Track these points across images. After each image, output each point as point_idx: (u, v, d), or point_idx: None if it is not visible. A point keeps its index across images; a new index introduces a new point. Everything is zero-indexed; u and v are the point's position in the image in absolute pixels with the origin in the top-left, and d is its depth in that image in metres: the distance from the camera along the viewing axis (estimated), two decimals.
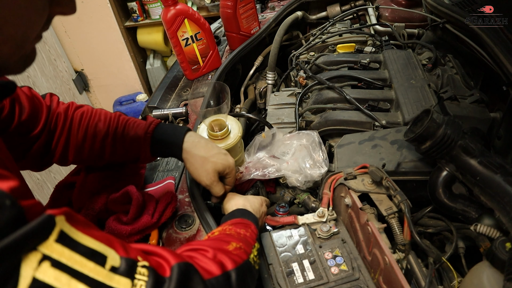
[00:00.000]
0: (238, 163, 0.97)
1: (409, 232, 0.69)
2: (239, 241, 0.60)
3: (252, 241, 0.64)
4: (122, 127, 0.80)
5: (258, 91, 1.47)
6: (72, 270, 0.36)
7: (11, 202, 0.33)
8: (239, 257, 0.55)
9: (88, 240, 0.39)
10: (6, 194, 0.34)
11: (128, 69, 3.10)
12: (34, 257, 0.34)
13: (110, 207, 0.80)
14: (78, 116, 0.79)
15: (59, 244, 0.36)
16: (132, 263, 0.41)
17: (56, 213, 0.37)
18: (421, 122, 0.79)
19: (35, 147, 0.74)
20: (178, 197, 0.90)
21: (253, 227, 0.69)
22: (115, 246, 0.41)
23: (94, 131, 0.78)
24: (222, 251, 0.53)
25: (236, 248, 0.57)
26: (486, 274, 0.60)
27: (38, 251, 0.34)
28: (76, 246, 0.37)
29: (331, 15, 1.72)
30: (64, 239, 0.36)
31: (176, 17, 1.24)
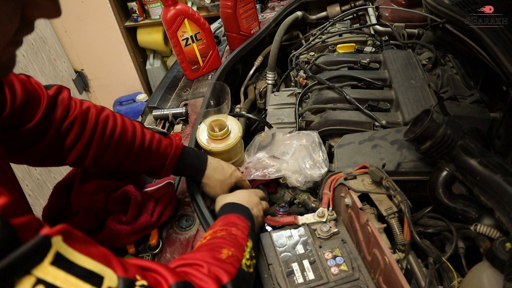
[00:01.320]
0: (238, 163, 0.97)
1: (409, 232, 0.69)
2: (231, 246, 0.60)
3: (243, 241, 0.64)
4: (148, 143, 0.79)
5: (258, 91, 1.47)
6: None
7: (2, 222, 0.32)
8: (232, 267, 0.56)
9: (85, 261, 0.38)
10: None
11: (128, 69, 3.10)
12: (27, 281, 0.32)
13: (109, 207, 0.80)
14: (101, 123, 0.74)
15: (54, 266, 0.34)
16: (129, 283, 0.40)
17: (52, 233, 0.35)
18: (421, 122, 0.79)
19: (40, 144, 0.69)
20: (178, 197, 0.90)
21: (243, 220, 0.71)
22: (113, 264, 0.40)
23: (118, 143, 0.75)
24: (215, 264, 0.54)
25: (229, 256, 0.57)
26: (486, 274, 0.60)
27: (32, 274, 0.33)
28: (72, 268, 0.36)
29: (331, 15, 1.72)
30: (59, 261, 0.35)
31: (176, 17, 1.24)
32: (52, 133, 0.69)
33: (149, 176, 0.87)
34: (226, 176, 0.88)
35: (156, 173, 0.84)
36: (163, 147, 0.81)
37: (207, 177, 0.87)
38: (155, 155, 0.80)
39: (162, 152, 0.81)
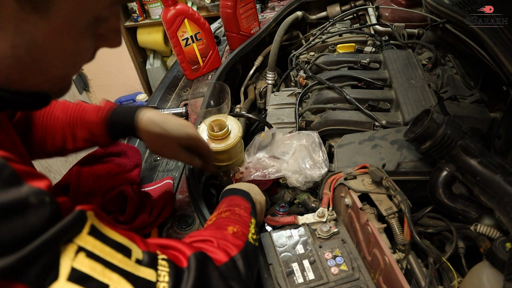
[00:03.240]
0: (238, 163, 0.97)
1: (409, 232, 0.69)
2: (236, 223, 0.62)
3: (247, 218, 0.65)
4: (79, 115, 0.78)
5: (258, 91, 1.47)
6: (104, 261, 0.39)
7: (50, 199, 0.37)
8: (240, 240, 0.58)
9: (114, 235, 0.42)
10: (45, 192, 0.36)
11: (128, 69, 3.10)
12: (71, 248, 0.37)
13: (107, 207, 0.80)
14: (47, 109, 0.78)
15: (91, 236, 0.39)
16: (153, 256, 0.44)
17: (86, 208, 0.40)
18: (421, 122, 0.79)
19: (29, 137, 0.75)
20: (178, 197, 0.90)
21: (245, 201, 0.71)
22: (136, 241, 0.44)
23: (53, 122, 0.77)
24: (223, 239, 0.56)
25: (234, 232, 0.59)
26: (486, 274, 0.60)
27: (74, 243, 0.37)
28: (105, 239, 0.40)
29: (331, 15, 1.72)
30: (95, 232, 0.40)
31: (176, 17, 1.24)
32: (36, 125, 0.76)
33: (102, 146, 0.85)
34: (168, 129, 0.76)
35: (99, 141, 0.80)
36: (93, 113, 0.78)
37: (143, 133, 0.76)
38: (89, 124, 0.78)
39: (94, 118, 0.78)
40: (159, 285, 0.42)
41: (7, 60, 0.40)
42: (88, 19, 0.43)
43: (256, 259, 0.63)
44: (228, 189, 0.80)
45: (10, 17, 0.37)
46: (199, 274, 0.46)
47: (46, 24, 0.39)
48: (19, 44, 0.39)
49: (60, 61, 0.44)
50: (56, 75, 0.46)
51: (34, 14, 0.38)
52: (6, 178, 0.34)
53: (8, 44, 0.39)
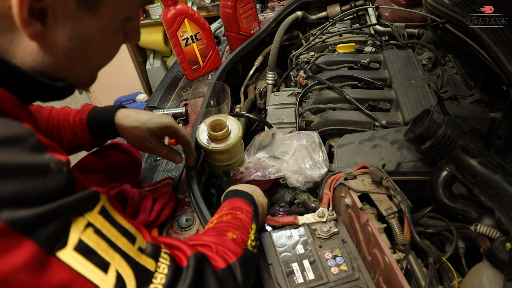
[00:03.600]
0: (238, 163, 0.97)
1: (409, 232, 0.69)
2: (236, 229, 0.62)
3: (248, 224, 0.66)
4: (63, 118, 0.80)
5: (258, 91, 1.47)
6: (109, 241, 0.42)
7: (67, 169, 0.41)
8: (238, 247, 0.58)
9: (122, 221, 0.45)
10: (64, 163, 0.41)
11: (128, 69, 3.10)
12: (81, 221, 0.40)
13: None
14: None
15: (101, 216, 0.42)
16: (156, 248, 0.47)
17: (101, 191, 0.44)
18: (421, 122, 0.79)
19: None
20: (178, 197, 0.90)
21: (247, 204, 0.72)
22: (142, 232, 0.48)
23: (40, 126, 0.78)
24: (222, 245, 0.57)
25: (234, 239, 0.60)
26: (486, 274, 0.60)
27: (84, 217, 0.40)
28: (113, 222, 0.44)
29: (331, 15, 1.72)
30: (105, 213, 0.43)
31: (176, 17, 1.24)
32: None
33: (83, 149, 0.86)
34: (142, 121, 0.79)
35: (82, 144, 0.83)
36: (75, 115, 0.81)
37: (121, 129, 0.79)
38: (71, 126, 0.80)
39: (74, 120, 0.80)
40: (157, 276, 0.44)
41: (63, 50, 0.47)
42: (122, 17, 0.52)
43: (254, 266, 0.63)
44: (231, 190, 0.79)
45: (70, 16, 0.45)
46: (197, 275, 0.48)
47: (95, 21, 0.47)
48: (74, 37, 0.47)
49: (101, 52, 0.52)
50: (96, 64, 0.54)
51: (87, 13, 0.46)
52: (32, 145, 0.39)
53: (66, 37, 0.46)
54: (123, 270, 0.41)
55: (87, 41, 0.48)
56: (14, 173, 0.36)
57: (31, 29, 0.42)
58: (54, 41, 0.46)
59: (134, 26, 0.57)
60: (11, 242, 0.35)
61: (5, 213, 0.35)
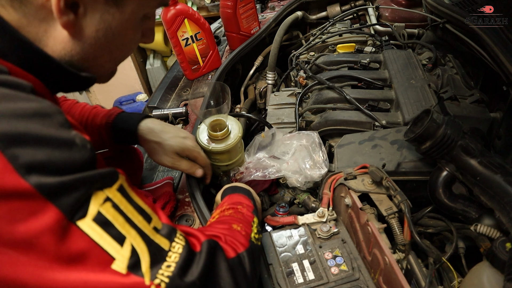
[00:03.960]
0: (238, 163, 0.97)
1: (409, 232, 0.69)
2: (239, 222, 0.63)
3: (250, 218, 0.67)
4: (91, 118, 0.83)
5: (258, 91, 1.47)
6: (126, 216, 0.44)
7: (91, 146, 0.44)
8: (244, 239, 0.60)
9: (139, 200, 0.47)
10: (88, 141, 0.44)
11: (128, 69, 3.10)
12: (101, 195, 0.42)
13: None
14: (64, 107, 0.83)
15: (119, 193, 0.45)
16: (172, 230, 0.49)
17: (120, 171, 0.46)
18: (421, 122, 0.79)
19: None
20: (178, 197, 0.90)
21: (247, 199, 0.73)
22: (159, 214, 0.50)
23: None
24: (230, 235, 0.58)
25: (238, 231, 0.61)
26: (486, 274, 0.60)
27: (104, 192, 0.43)
28: (130, 200, 0.46)
29: (331, 15, 1.72)
30: (123, 191, 0.45)
31: (176, 17, 1.24)
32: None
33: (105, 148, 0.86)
34: (164, 138, 0.81)
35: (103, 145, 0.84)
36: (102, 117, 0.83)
37: (142, 139, 0.81)
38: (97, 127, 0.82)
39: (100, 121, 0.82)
40: (171, 255, 0.46)
41: (90, 40, 0.51)
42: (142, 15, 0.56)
43: (259, 258, 0.64)
44: (228, 187, 0.80)
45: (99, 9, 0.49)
46: (210, 260, 0.50)
47: (120, 15, 0.51)
48: (101, 28, 0.51)
49: (123, 45, 0.56)
50: (118, 57, 0.58)
51: (113, 7, 0.50)
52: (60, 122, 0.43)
53: (94, 28, 0.50)
54: (137, 245, 0.43)
55: (111, 33, 0.52)
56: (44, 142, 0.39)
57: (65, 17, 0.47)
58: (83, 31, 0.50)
59: (150, 26, 0.61)
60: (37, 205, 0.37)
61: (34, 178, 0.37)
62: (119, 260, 0.41)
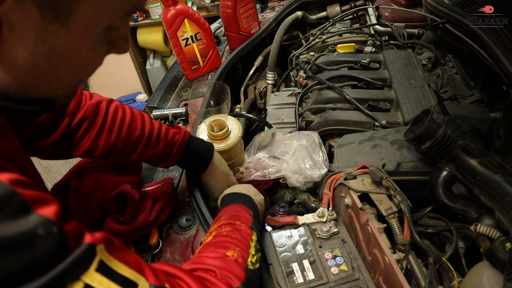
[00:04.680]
0: (238, 163, 0.97)
1: (409, 232, 0.69)
2: (236, 245, 0.61)
3: (248, 236, 0.64)
4: (157, 131, 0.80)
5: (258, 91, 1.47)
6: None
7: (57, 229, 0.35)
8: (240, 268, 0.57)
9: (123, 268, 0.41)
10: (53, 222, 0.35)
11: (128, 69, 3.10)
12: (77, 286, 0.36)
13: (107, 207, 0.80)
14: (111, 112, 0.76)
15: (98, 273, 0.38)
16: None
17: (97, 242, 0.39)
18: (421, 122, 0.79)
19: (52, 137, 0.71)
20: (178, 197, 0.90)
21: (246, 210, 0.71)
22: (145, 272, 0.43)
23: (129, 131, 0.77)
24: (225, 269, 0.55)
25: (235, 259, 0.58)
26: (486, 274, 0.60)
27: (81, 280, 0.36)
28: (112, 275, 0.39)
29: (331, 15, 1.72)
30: (103, 268, 0.39)
31: (176, 17, 1.24)
32: (64, 125, 0.72)
33: (157, 165, 0.86)
34: (229, 171, 0.88)
35: (165, 161, 0.82)
36: (171, 134, 0.81)
37: (213, 166, 0.85)
38: (164, 142, 0.80)
39: (170, 139, 0.81)
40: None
41: (26, 68, 0.40)
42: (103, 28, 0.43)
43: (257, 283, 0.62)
44: (227, 195, 0.79)
45: (33, 27, 0.37)
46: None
47: (66, 33, 0.39)
48: (39, 52, 0.39)
49: (76, 68, 0.44)
50: (71, 82, 0.46)
51: (55, 24, 0.38)
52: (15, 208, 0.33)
53: (28, 53, 0.39)
54: None
55: (56, 57, 0.41)
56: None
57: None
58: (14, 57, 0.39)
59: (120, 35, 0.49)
60: None
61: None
62: None
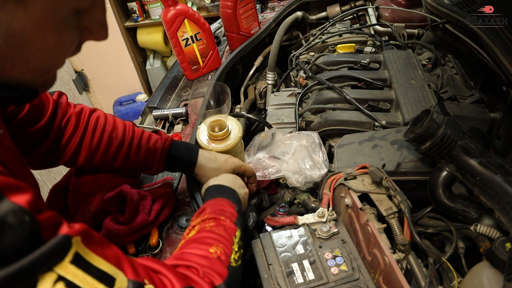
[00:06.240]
0: None
1: (409, 232, 0.69)
2: (219, 241, 0.60)
3: (232, 231, 0.64)
4: (138, 138, 0.82)
5: (258, 91, 1.47)
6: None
7: (30, 218, 0.34)
8: (223, 266, 0.57)
9: (100, 262, 0.40)
10: (25, 210, 0.34)
11: (128, 69, 3.10)
12: (50, 277, 0.35)
13: (106, 207, 0.80)
14: (93, 120, 0.79)
15: (73, 265, 0.37)
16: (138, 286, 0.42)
17: (73, 234, 0.38)
18: (421, 122, 0.79)
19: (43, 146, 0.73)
20: (178, 197, 0.90)
21: (230, 204, 0.70)
22: (124, 267, 0.42)
23: (110, 138, 0.79)
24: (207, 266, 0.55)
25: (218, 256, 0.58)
26: (486, 274, 0.60)
27: (54, 271, 0.35)
28: (88, 268, 0.38)
29: (331, 15, 1.72)
30: (78, 260, 0.38)
31: (176, 17, 1.24)
32: (53, 135, 0.74)
33: (143, 172, 0.88)
34: (220, 163, 0.87)
35: (149, 168, 0.84)
36: (152, 142, 0.83)
37: (200, 168, 0.85)
38: (145, 150, 0.82)
39: (152, 146, 0.83)
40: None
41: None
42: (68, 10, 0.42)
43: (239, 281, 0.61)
44: (212, 186, 0.77)
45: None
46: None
47: (24, 13, 0.38)
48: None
49: (42, 52, 0.43)
50: (38, 66, 0.44)
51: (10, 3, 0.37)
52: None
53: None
54: None
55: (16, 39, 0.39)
56: None
57: None
58: None
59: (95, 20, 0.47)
60: None
61: None
62: None
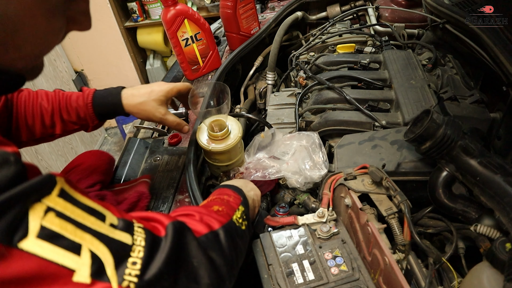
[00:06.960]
0: (238, 163, 0.97)
1: (409, 232, 0.69)
2: (221, 204, 0.62)
3: (235, 205, 0.65)
4: (64, 102, 0.86)
5: (258, 91, 1.47)
6: (76, 222, 0.39)
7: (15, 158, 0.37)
8: (223, 217, 0.58)
9: (87, 200, 0.42)
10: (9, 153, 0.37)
11: (128, 69, 3.10)
12: (39, 207, 0.37)
13: None
14: (22, 99, 0.84)
15: (61, 198, 0.39)
16: (129, 223, 0.44)
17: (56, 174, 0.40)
18: (421, 123, 0.79)
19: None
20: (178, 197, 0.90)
21: (235, 194, 0.71)
22: (111, 209, 0.45)
23: (41, 110, 0.84)
24: (207, 214, 0.56)
25: (219, 211, 0.59)
26: (486, 274, 0.60)
27: (42, 203, 0.37)
28: (76, 202, 0.41)
29: (331, 15, 1.72)
30: (65, 195, 0.40)
31: (176, 17, 1.24)
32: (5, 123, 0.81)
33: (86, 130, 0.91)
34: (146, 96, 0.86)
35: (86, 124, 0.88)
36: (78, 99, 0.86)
37: (127, 106, 0.86)
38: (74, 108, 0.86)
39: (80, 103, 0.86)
40: (135, 248, 0.42)
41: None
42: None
43: (243, 239, 0.61)
44: (221, 185, 0.80)
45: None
46: (176, 242, 0.47)
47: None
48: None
49: (34, 37, 0.44)
50: (30, 52, 0.46)
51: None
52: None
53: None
54: (97, 249, 0.39)
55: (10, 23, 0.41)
56: None
57: None
58: None
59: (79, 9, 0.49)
60: None
61: None
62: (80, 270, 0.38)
